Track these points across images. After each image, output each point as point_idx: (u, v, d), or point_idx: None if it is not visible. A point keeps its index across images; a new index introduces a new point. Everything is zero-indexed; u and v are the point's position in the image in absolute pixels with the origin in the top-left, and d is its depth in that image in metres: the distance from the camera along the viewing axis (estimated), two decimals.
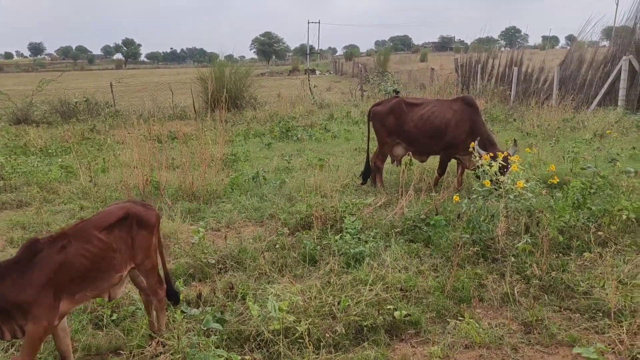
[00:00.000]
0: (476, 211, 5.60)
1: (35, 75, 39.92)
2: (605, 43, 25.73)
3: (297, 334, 3.77)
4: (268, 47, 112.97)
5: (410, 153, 8.25)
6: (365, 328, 3.97)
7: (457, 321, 3.99)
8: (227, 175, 9.14)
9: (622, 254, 5.04)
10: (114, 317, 4.34)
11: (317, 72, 53.82)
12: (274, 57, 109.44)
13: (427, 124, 7.97)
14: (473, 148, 6.60)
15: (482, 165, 5.94)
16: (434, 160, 8.90)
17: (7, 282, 3.03)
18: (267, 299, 4.02)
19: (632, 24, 17.78)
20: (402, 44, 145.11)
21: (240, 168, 10.23)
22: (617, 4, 42.81)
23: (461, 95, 8.98)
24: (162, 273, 4.01)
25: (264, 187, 8.70)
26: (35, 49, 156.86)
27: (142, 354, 3.71)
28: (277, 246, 5.80)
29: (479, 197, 5.71)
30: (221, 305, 4.38)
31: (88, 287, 3.37)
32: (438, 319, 4.22)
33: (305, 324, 3.73)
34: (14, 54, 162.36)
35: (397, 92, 9.30)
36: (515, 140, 7.47)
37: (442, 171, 8.13)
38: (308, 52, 70.30)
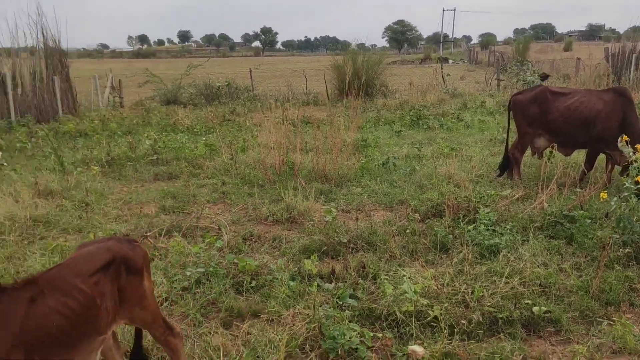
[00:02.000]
0: (628, 210, 5.14)
1: (182, 61, 43.24)
2: None
3: (429, 318, 3.76)
4: (400, 35, 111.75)
5: (554, 145, 7.75)
6: (500, 320, 3.85)
7: (609, 323, 3.72)
8: (358, 160, 9.27)
9: None
10: (253, 284, 4.63)
11: (450, 61, 52.27)
12: (405, 45, 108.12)
13: (575, 115, 7.44)
14: (626, 142, 6.06)
15: (637, 160, 5.43)
16: (578, 155, 8.30)
17: None
18: (400, 280, 4.05)
19: None
20: (543, 32, 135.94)
21: (370, 154, 10.31)
22: None
23: (613, 86, 8.25)
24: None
25: (394, 173, 8.71)
26: (184, 36, 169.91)
27: (279, 319, 3.92)
28: (408, 231, 5.79)
29: (632, 195, 5.24)
30: (353, 283, 4.49)
31: (64, 353, 2.51)
32: (581, 319, 3.97)
33: (439, 309, 3.71)
34: (165, 41, 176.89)
35: (545, 77, 8.59)
36: None
37: (590, 166, 7.55)
38: (441, 41, 68.55)
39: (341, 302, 3.91)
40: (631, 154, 5.59)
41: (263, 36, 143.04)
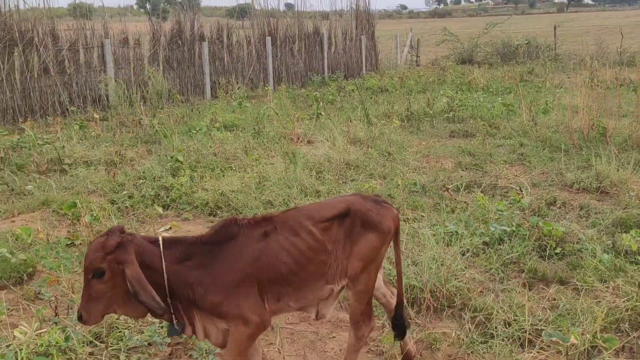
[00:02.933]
0: None
1: (479, 19, 42.29)
2: None
3: None
4: None
5: None
6: None
7: None
8: None
9: None
10: (558, 250, 4.39)
11: None
12: None
13: None
14: None
15: None
16: None
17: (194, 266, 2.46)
18: None
19: None
20: None
21: None
22: None
23: None
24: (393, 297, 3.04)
25: None
26: None
27: (591, 291, 3.65)
28: None
29: None
30: None
31: (291, 293, 2.58)
32: None
33: None
34: (462, 0, 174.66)
35: None
36: None
37: None
38: None
39: None
40: None
41: None
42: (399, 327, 2.92)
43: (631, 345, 3.08)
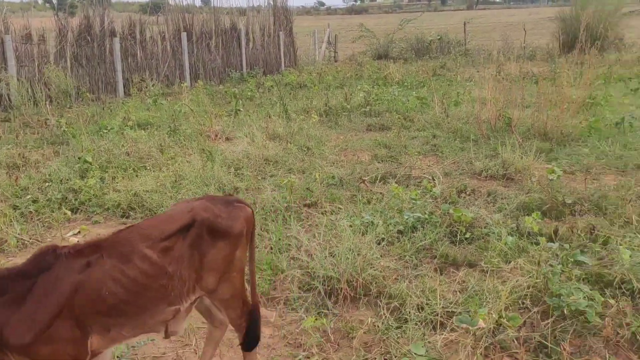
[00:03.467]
0: None
1: (394, 16, 43.41)
2: None
3: None
4: None
5: None
6: None
7: None
8: (585, 119, 8.42)
9: None
10: (468, 235, 4.59)
11: None
12: None
13: None
14: None
15: None
16: None
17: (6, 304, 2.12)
18: (638, 248, 3.65)
19: None
20: None
21: (600, 112, 9.28)
22: None
23: None
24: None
25: (629, 134, 7.75)
26: None
27: (497, 272, 3.84)
28: None
29: None
30: (581, 245, 4.17)
31: (125, 322, 2.31)
32: None
33: None
34: None
35: None
36: None
37: None
38: None
39: (571, 260, 3.67)
40: None
41: None
42: (251, 334, 2.69)
43: (532, 320, 3.27)
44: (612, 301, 3.29)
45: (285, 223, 4.82)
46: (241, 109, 10.36)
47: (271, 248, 4.40)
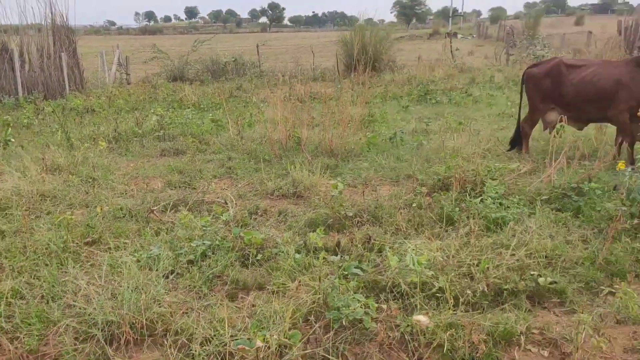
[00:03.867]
0: (639, 183, 5.08)
1: (189, 37, 42.96)
2: None
3: (434, 289, 3.76)
4: (409, 9, 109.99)
5: (566, 119, 7.61)
6: (505, 291, 3.84)
7: (611, 291, 3.70)
8: (365, 135, 9.22)
9: None
10: (259, 257, 4.64)
11: (459, 36, 51.51)
12: (414, 20, 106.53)
13: (589, 87, 7.28)
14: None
15: None
16: (588, 129, 8.15)
17: None
18: (405, 252, 4.05)
19: None
20: (555, 5, 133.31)
21: (378, 129, 10.25)
22: None
23: (634, 57, 8.02)
24: None
25: (401, 147, 8.67)
26: (191, 12, 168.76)
27: (284, 292, 3.93)
28: (414, 205, 5.77)
29: None
30: (359, 255, 4.49)
31: None
32: (586, 290, 3.96)
33: (444, 280, 3.71)
34: (172, 17, 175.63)
35: None
36: None
37: (630, 137, 7.16)
38: (451, 15, 67.50)
39: (347, 273, 3.91)
40: None
41: (270, 12, 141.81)
42: None
43: (316, 335, 3.40)
44: (384, 306, 3.58)
45: (61, 266, 4.36)
46: (12, 139, 9.22)
47: (42, 297, 3.93)
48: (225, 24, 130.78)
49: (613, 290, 3.80)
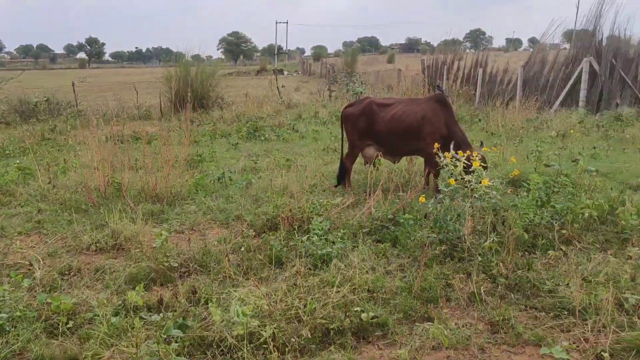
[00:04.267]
0: (443, 211, 5.58)
1: None
2: (566, 45, 26.46)
3: (262, 339, 3.66)
4: (236, 47, 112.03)
5: (381, 154, 8.18)
6: (331, 331, 3.89)
7: (426, 325, 3.94)
8: (192, 176, 8.96)
9: (585, 252, 5.10)
10: (70, 324, 4.15)
11: (285, 73, 53.65)
12: (241, 57, 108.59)
13: (399, 124, 7.92)
14: (438, 149, 6.62)
15: (446, 165, 5.95)
16: (403, 161, 8.85)
17: None
18: (231, 303, 3.90)
19: (591, 27, 18.26)
20: (369, 44, 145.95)
21: (206, 169, 10.05)
22: (577, 8, 44.09)
23: (434, 94, 8.95)
24: None
25: (230, 187, 8.56)
26: None
27: None
28: (243, 248, 5.67)
29: (446, 197, 5.70)
30: (183, 311, 4.23)
31: None
32: (405, 320, 4.17)
33: (271, 328, 3.63)
34: None
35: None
36: (482, 142, 7.51)
37: (434, 168, 7.84)
38: (276, 52, 70.13)
39: (166, 335, 3.64)
40: (442, 158, 6.10)
41: (89, 47, 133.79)
42: None
43: None
44: None
45: None
46: None
47: None
48: (37, 60, 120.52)
49: (429, 323, 4.05)
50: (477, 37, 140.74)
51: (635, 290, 4.20)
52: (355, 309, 4.08)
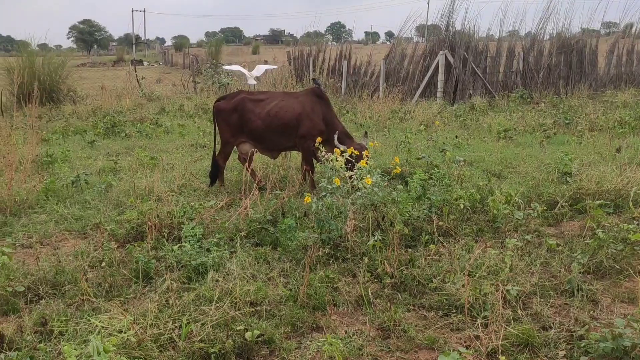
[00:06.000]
0: (325, 209, 5.35)
1: None
2: (419, 39, 27.99)
3: None
4: (89, 36, 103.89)
5: (258, 150, 7.76)
6: (212, 356, 3.45)
7: (314, 335, 3.66)
8: (41, 181, 7.89)
9: (465, 245, 5.15)
10: None
11: (145, 63, 50.88)
12: (95, 46, 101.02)
13: (275, 120, 7.56)
14: (320, 143, 6.43)
15: (327, 160, 5.76)
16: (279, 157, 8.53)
17: None
18: (90, 336, 3.31)
19: (445, 22, 19.40)
20: (233, 35, 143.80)
21: (58, 171, 8.93)
22: (428, 4, 47.09)
23: (310, 88, 8.71)
24: None
25: (86, 192, 7.65)
26: None
27: None
28: (103, 263, 4.99)
29: (327, 194, 5.49)
30: (31, 349, 3.53)
31: None
32: (293, 332, 3.86)
33: None
34: None
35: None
36: (365, 132, 7.45)
37: (310, 165, 7.64)
38: (134, 42, 66.30)
39: None
40: (323, 153, 5.89)
41: None
42: None
43: None
44: None
45: None
46: None
47: None
48: None
49: (317, 326, 3.78)
50: (338, 30, 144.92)
51: (515, 281, 4.29)
52: (238, 328, 3.68)
